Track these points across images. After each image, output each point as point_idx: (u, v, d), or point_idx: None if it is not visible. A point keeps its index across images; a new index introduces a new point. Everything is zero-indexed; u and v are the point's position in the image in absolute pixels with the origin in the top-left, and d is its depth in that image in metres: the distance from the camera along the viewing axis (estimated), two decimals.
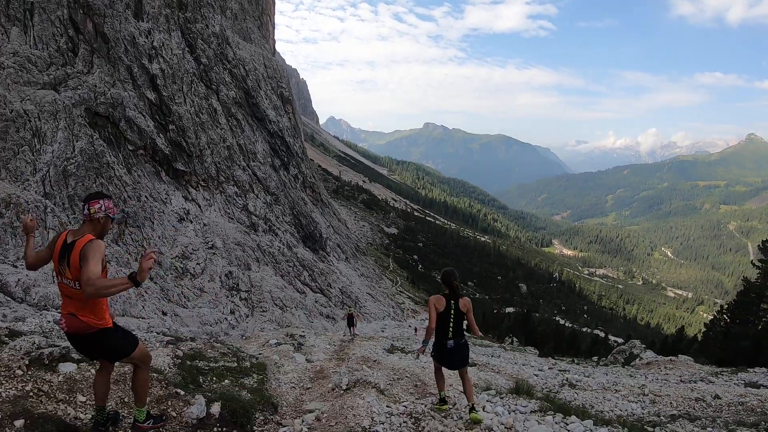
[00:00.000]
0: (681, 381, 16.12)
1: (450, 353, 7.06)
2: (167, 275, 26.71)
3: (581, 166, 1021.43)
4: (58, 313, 17.61)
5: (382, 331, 44.75)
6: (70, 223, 22.66)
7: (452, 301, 6.98)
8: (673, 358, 22.99)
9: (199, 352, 10.79)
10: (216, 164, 41.62)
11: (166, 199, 33.30)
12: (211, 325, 25.16)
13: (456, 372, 7.43)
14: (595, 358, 34.00)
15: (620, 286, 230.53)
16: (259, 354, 13.41)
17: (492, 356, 22.71)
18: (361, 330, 45.35)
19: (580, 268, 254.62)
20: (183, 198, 35.59)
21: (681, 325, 76.45)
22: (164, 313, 22.74)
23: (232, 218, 40.06)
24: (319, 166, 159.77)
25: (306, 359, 13.34)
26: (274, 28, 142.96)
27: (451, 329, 6.98)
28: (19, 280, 16.81)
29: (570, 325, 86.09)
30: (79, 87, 30.36)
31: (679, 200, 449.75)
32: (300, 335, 19.38)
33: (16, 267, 17.83)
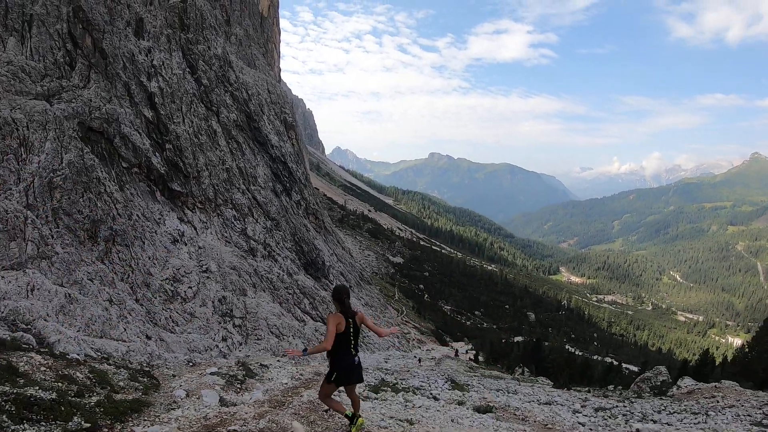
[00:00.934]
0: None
1: (356, 369, 7.14)
2: (155, 298, 25.11)
3: (586, 192, 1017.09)
4: (28, 327, 16.36)
5: (385, 362, 42.93)
6: (52, 236, 21.26)
7: (350, 320, 6.96)
8: (717, 384, 20.83)
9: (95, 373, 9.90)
10: (214, 186, 40.25)
11: (159, 219, 31.88)
12: (200, 352, 23.48)
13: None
14: (611, 387, 32.04)
15: (630, 312, 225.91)
16: (179, 387, 11.07)
17: (508, 392, 18.68)
18: (363, 361, 43.57)
19: (588, 295, 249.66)
20: (178, 219, 34.17)
21: (705, 347, 73.61)
22: (148, 338, 21.11)
23: (229, 242, 38.53)
24: (325, 195, 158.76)
25: (227, 400, 9.83)
26: (279, 56, 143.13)
27: (353, 346, 7.04)
28: None
29: (580, 354, 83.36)
30: (74, 100, 29.31)
31: (685, 223, 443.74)
32: (261, 365, 16.69)
33: None
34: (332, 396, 7.54)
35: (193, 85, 43.83)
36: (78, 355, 14.37)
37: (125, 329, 20.10)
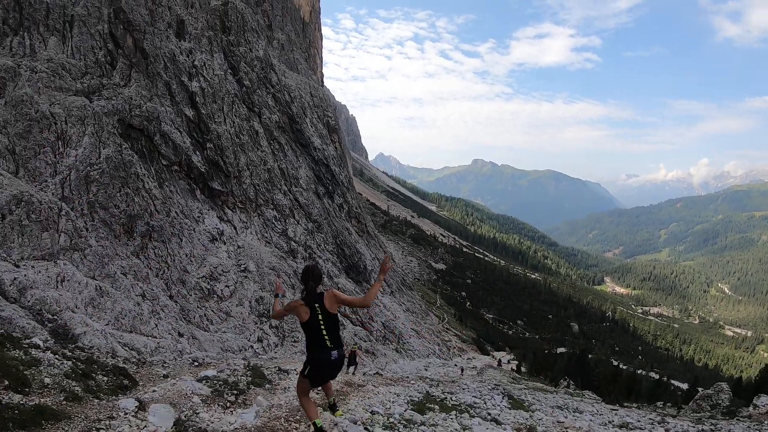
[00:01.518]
0: None
1: (330, 365, 5.84)
2: (190, 295, 24.60)
3: (632, 200, 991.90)
4: (54, 317, 15.90)
5: (425, 370, 41.76)
6: (86, 229, 20.92)
7: (315, 305, 5.76)
8: None
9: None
10: (255, 186, 39.84)
11: (198, 217, 31.54)
12: (233, 352, 22.79)
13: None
14: (660, 404, 30.28)
15: (676, 326, 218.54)
16: (141, 394, 8.45)
17: (570, 410, 15.78)
18: (401, 368, 42.39)
19: (633, 306, 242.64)
20: (218, 218, 33.80)
21: (766, 364, 69.82)
22: (180, 335, 20.52)
23: (269, 243, 38.02)
24: (368, 200, 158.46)
25: (191, 423, 6.97)
26: (321, 61, 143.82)
27: (326, 338, 5.74)
28: (15, 279, 15.09)
29: (624, 367, 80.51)
30: (114, 98, 29.23)
31: (734, 233, 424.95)
32: (280, 370, 13.45)
33: (17, 267, 16.10)
34: (309, 395, 6.31)
35: (235, 86, 43.64)
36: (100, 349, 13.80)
37: (156, 325, 19.55)
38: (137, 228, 24.14)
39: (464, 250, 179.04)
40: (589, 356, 77.48)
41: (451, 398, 12.99)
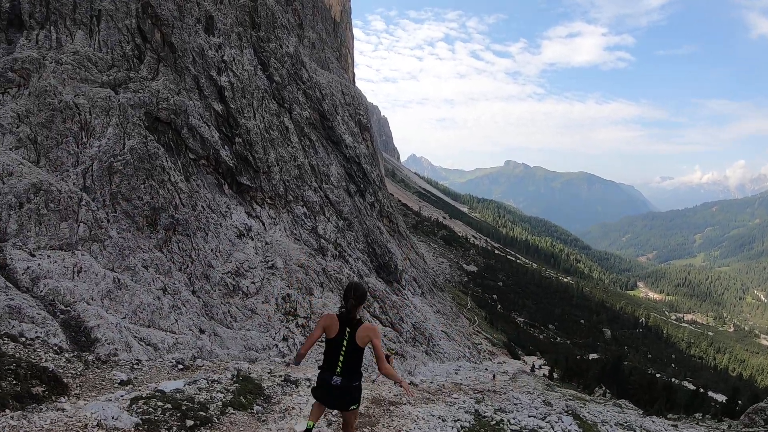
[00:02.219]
0: None
1: (332, 392, 5.53)
2: (214, 291, 23.82)
3: (667, 203, 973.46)
4: (67, 309, 15.18)
5: (456, 374, 40.57)
6: (108, 220, 20.30)
7: (347, 328, 5.48)
8: None
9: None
10: (284, 182, 39.11)
11: (226, 212, 30.86)
12: (256, 351, 21.94)
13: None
14: (698, 415, 28.63)
15: (710, 333, 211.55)
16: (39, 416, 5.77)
17: (636, 428, 13.96)
18: (432, 371, 41.22)
19: (667, 313, 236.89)
20: (246, 213, 33.10)
21: None
22: (202, 331, 19.72)
23: (298, 239, 37.22)
24: (399, 201, 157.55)
25: None
26: (353, 61, 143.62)
27: (340, 363, 5.45)
28: (28, 267, 14.46)
29: (657, 376, 77.80)
30: (141, 90, 28.72)
31: None
32: (285, 379, 10.44)
33: (33, 256, 15.47)
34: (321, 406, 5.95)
35: (265, 82, 43.04)
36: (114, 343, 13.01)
37: (177, 320, 18.77)
38: (161, 221, 23.47)
39: (496, 252, 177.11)
40: (624, 363, 75.20)
41: (508, 421, 11.04)
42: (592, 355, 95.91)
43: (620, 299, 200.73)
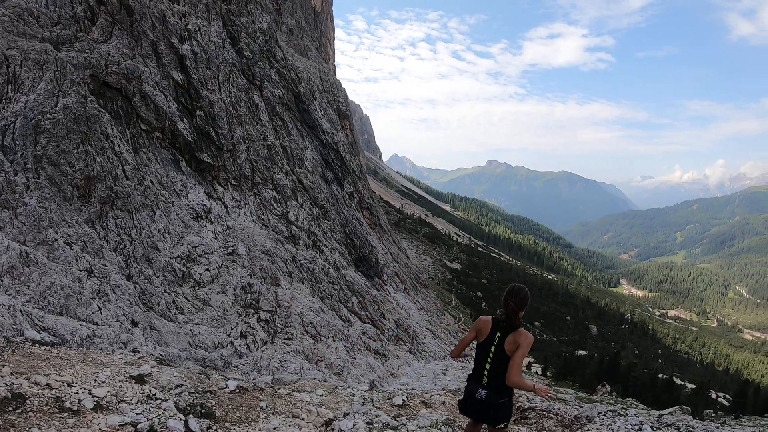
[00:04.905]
0: None
1: (474, 404, 5.20)
2: (157, 277, 20.00)
3: (648, 202, 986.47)
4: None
5: (443, 374, 37.71)
6: (28, 186, 16.58)
7: (498, 333, 5.07)
8: None
9: None
10: (252, 162, 35.33)
11: (181, 191, 27.06)
12: (206, 349, 18.25)
13: None
14: (708, 412, 26.12)
15: (694, 329, 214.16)
16: None
17: None
18: (417, 371, 37.96)
19: (650, 309, 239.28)
20: (205, 194, 29.29)
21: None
22: (134, 323, 16.00)
23: (266, 225, 33.43)
24: (381, 198, 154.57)
25: None
26: (334, 53, 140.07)
27: (486, 373, 5.09)
28: None
29: (646, 371, 76.18)
30: (87, 51, 24.91)
31: (752, 235, 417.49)
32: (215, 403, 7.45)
33: None
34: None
35: (234, 56, 39.24)
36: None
37: (100, 309, 15.04)
38: (96, 192, 19.69)
39: (479, 249, 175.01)
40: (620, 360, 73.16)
41: None
42: (580, 352, 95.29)
43: (605, 296, 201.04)
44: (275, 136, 40.12)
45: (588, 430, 9.75)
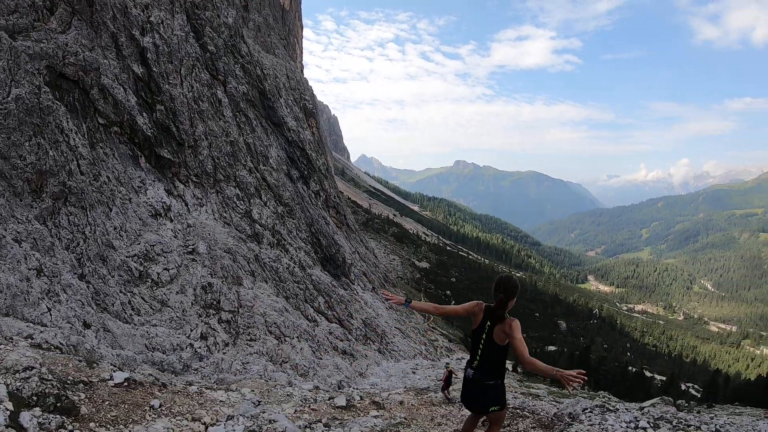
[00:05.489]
0: None
1: (468, 386, 5.47)
2: (112, 276, 19.18)
3: (614, 200, 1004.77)
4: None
5: (413, 373, 37.36)
6: None
7: (488, 323, 5.29)
8: None
9: None
10: (214, 159, 34.44)
11: (140, 187, 26.13)
12: (164, 352, 17.52)
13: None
14: (681, 402, 26.26)
15: (661, 322, 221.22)
16: None
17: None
18: (386, 371, 37.51)
19: (618, 304, 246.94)
20: (165, 191, 28.37)
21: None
22: (86, 325, 15.23)
23: (228, 223, 32.59)
24: (349, 198, 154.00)
25: None
26: (301, 51, 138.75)
27: (478, 357, 5.35)
28: None
29: (616, 365, 77.59)
30: (44, 41, 23.86)
31: (715, 231, 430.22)
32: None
33: None
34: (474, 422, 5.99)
35: (197, 50, 38.25)
36: None
37: (50, 310, 14.25)
38: (48, 187, 18.79)
39: (447, 248, 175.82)
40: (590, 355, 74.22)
41: None
42: (550, 347, 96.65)
43: (572, 292, 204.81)
44: (239, 132, 39.26)
45: (576, 431, 8.83)
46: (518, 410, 11.62)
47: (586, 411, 10.21)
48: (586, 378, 4.68)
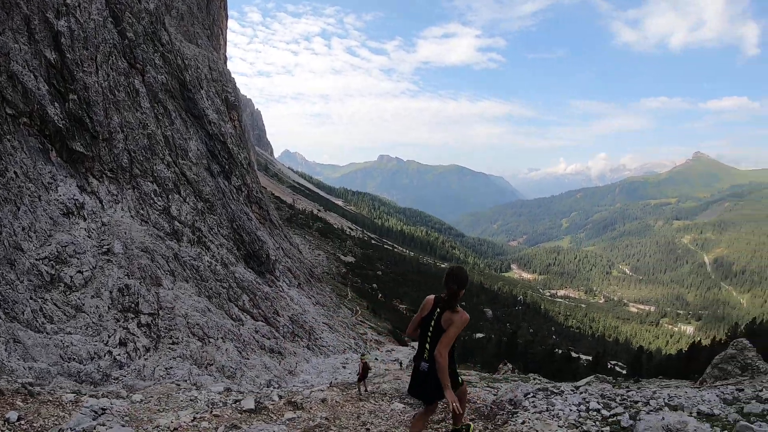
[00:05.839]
0: None
1: (420, 378, 5.41)
2: (20, 281, 17.75)
3: (534, 192, 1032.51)
4: None
5: (343, 367, 37.07)
6: None
7: (437, 310, 5.39)
8: None
9: None
10: (130, 153, 32.70)
11: (50, 184, 24.41)
12: (81, 362, 16.38)
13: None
14: (609, 378, 27.26)
15: (583, 306, 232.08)
16: None
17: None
18: (316, 367, 36.93)
19: (541, 290, 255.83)
20: (78, 188, 26.67)
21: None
22: None
23: (145, 221, 31.03)
24: (273, 193, 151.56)
25: None
26: (225, 42, 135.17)
27: (427, 346, 5.40)
28: None
29: (542, 348, 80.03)
30: None
31: (631, 220, 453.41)
32: None
33: None
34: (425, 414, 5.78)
35: (115, 36, 36.20)
36: None
37: None
38: None
39: (373, 242, 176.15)
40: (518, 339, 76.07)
41: None
42: (478, 335, 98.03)
43: (497, 281, 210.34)
44: (156, 124, 37.50)
45: (522, 422, 7.71)
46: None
47: (529, 396, 9.48)
48: (458, 408, 5.07)
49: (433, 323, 5.34)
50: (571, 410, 7.92)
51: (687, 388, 14.76)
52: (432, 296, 5.55)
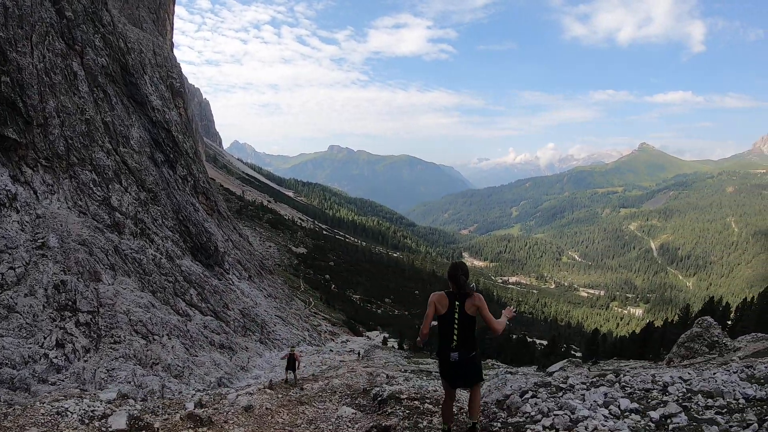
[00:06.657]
0: None
1: (454, 368, 5.73)
2: None
3: (484, 181, 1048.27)
4: None
5: None
6: None
7: (456, 302, 5.75)
8: None
9: None
10: (67, 139, 30.65)
11: None
12: (14, 367, 14.96)
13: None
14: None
15: (535, 291, 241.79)
16: None
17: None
18: (269, 361, 35.69)
19: (493, 277, 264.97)
20: (10, 177, 24.73)
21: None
22: None
23: (84, 212, 29.16)
24: (222, 185, 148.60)
25: None
26: (172, 28, 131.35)
27: (455, 337, 5.68)
28: None
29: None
30: None
31: (580, 208, 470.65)
32: None
33: None
34: (450, 397, 6.13)
35: (53, 15, 33.84)
36: None
37: None
38: None
39: (324, 233, 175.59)
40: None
41: None
42: (434, 322, 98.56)
43: None
44: (96, 109, 35.39)
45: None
46: (416, 401, 8.75)
47: (528, 396, 7.54)
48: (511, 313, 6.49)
49: (458, 315, 5.65)
50: (606, 418, 5.98)
51: (641, 366, 14.43)
52: (438, 293, 5.90)
